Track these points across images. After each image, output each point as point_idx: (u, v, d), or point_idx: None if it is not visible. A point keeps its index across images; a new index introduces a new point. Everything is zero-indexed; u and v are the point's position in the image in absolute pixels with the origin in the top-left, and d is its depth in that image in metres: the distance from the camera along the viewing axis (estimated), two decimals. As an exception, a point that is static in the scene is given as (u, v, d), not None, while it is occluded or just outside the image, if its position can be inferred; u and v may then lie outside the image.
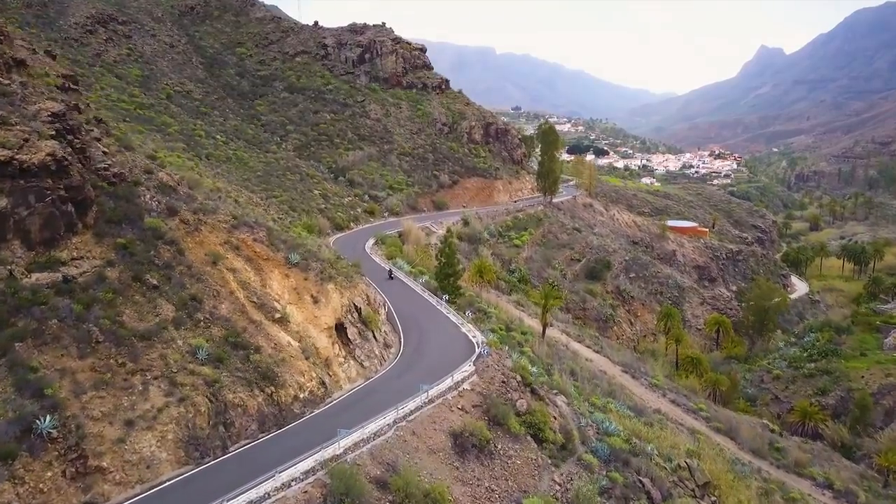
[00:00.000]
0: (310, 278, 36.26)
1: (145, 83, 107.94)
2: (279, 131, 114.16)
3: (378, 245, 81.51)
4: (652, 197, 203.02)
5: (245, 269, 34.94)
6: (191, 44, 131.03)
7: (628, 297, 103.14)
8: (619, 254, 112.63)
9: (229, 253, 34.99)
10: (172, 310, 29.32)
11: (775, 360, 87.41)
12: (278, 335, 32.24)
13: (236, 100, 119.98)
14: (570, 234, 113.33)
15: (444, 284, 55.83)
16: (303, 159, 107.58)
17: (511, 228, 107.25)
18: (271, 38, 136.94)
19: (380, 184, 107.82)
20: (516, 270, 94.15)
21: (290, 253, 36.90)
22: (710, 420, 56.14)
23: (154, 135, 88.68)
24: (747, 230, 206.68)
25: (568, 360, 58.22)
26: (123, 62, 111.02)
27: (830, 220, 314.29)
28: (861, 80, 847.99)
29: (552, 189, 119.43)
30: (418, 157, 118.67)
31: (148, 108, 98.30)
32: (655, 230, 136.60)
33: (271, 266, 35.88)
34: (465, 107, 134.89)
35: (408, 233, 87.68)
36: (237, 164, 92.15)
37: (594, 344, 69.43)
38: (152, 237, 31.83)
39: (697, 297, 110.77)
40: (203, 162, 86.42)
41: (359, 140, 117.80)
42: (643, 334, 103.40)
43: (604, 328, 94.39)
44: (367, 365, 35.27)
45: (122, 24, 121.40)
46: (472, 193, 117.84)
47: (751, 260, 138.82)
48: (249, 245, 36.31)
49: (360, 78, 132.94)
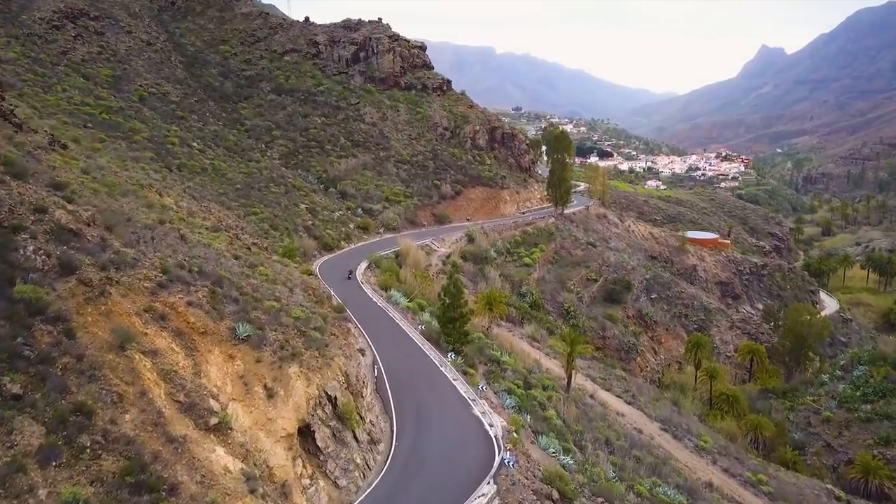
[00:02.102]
0: (265, 359, 25.94)
1: (116, 84, 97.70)
2: (264, 137, 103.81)
3: (371, 269, 71.36)
4: (664, 203, 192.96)
5: (171, 349, 24.64)
6: (170, 41, 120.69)
7: (651, 322, 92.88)
8: (639, 272, 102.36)
9: (150, 326, 24.71)
10: (40, 434, 19.02)
11: (821, 398, 77.23)
12: (210, 457, 21.93)
13: (218, 102, 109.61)
14: (585, 249, 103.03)
15: (449, 331, 45.59)
16: (289, 168, 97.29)
17: (520, 244, 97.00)
18: (258, 35, 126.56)
19: (375, 195, 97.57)
20: (527, 294, 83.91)
21: (238, 322, 26.59)
22: (775, 498, 45.83)
23: (118, 143, 78.45)
24: (763, 238, 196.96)
25: (599, 420, 47.99)
26: (93, 61, 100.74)
27: (843, 224, 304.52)
28: (864, 79, 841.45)
29: (564, 200, 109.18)
30: (417, 165, 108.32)
31: (116, 112, 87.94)
32: (674, 243, 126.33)
33: (210, 343, 25.59)
34: (469, 109, 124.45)
35: (405, 253, 77.48)
36: (213, 176, 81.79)
37: (624, 391, 59.24)
38: (24, 314, 21.54)
39: (725, 320, 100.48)
40: (172, 174, 76.13)
41: (352, 146, 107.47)
42: (667, 362, 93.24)
43: (626, 359, 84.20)
44: (344, 484, 24.94)
45: (94, 19, 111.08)
46: (477, 205, 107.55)
47: (777, 275, 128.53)
48: (181, 312, 26.00)
49: (355, 78, 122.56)
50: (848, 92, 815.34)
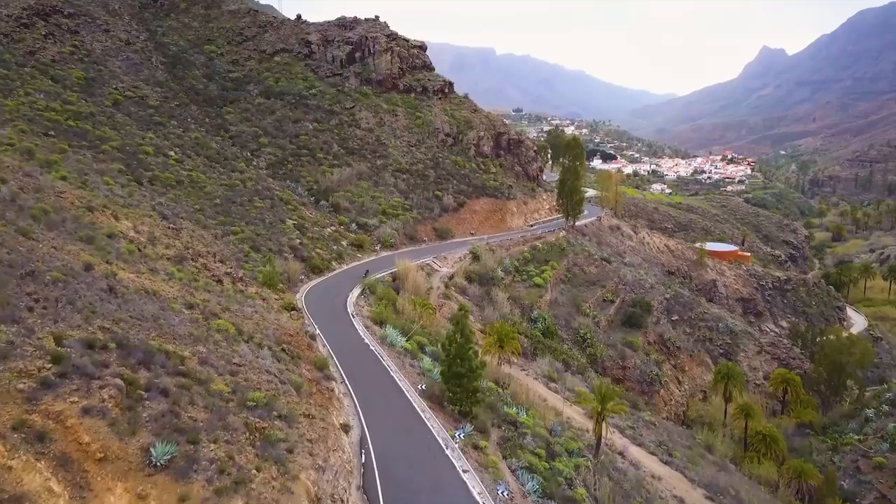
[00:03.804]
0: (193, 495, 17.67)
1: (89, 87, 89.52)
2: (250, 144, 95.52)
3: (365, 296, 63.11)
4: (674, 210, 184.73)
5: (48, 491, 16.33)
6: (151, 40, 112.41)
7: (674, 349, 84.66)
8: (658, 290, 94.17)
9: (17, 455, 16.40)
10: None
11: (869, 438, 69.19)
12: None
13: (201, 106, 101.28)
14: (599, 266, 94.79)
15: (456, 391, 37.35)
16: (277, 179, 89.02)
17: (529, 262, 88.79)
18: (246, 34, 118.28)
19: (371, 208, 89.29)
20: (539, 319, 75.62)
21: (158, 436, 18.32)
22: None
23: (83, 153, 70.24)
24: (778, 246, 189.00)
25: (634, 491, 39.79)
26: (64, 62, 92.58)
27: (853, 229, 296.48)
28: (866, 81, 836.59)
29: (576, 212, 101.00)
30: (417, 175, 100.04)
31: (85, 118, 79.70)
32: (691, 256, 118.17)
33: (112, 475, 17.34)
34: (472, 114, 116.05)
35: (404, 275, 69.15)
36: (190, 190, 73.49)
37: (657, 445, 51.00)
38: None
39: (753, 343, 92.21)
40: (142, 189, 67.87)
41: (346, 154, 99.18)
42: (691, 391, 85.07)
43: (649, 391, 75.99)
44: None
45: (68, 16, 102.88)
46: (482, 217, 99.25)
47: (801, 289, 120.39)
48: (72, 427, 17.74)
49: (350, 80, 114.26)
50: (850, 93, 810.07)
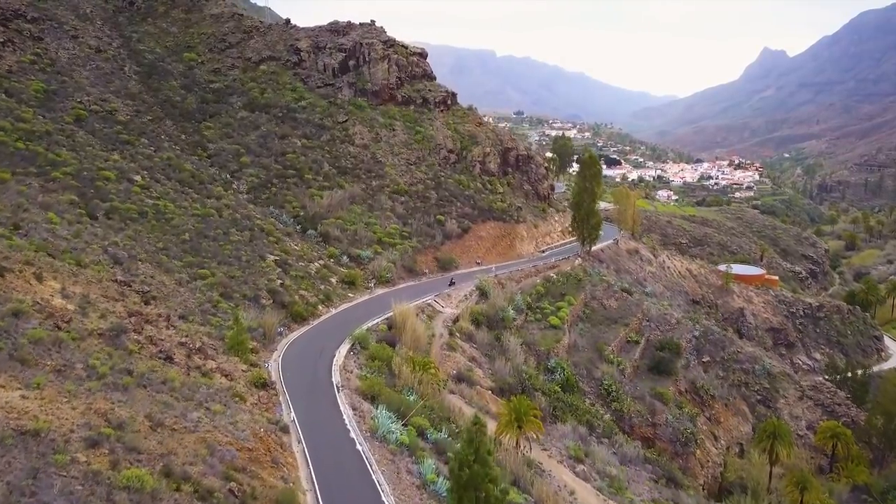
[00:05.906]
0: None
1: (48, 101, 79.45)
2: (231, 164, 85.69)
3: (355, 353, 53.32)
4: (688, 224, 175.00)
5: None
6: (125, 47, 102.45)
7: (707, 398, 74.84)
8: (685, 326, 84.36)
9: None
10: None
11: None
12: None
13: (177, 122, 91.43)
14: (620, 298, 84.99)
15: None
16: (259, 205, 79.18)
17: (543, 297, 79.01)
18: (230, 40, 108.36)
19: (365, 237, 79.48)
20: (557, 369, 65.82)
21: None
22: None
23: (28, 181, 60.44)
24: (797, 261, 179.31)
25: None
26: (23, 72, 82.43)
27: (867, 237, 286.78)
28: (868, 82, 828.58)
29: (593, 237, 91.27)
30: (417, 197, 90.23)
31: (38, 138, 69.61)
32: (716, 280, 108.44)
33: None
34: (477, 127, 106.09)
35: (401, 323, 59.23)
36: (154, 223, 63.52)
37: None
38: None
39: (794, 388, 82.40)
40: (95, 225, 58.03)
41: (338, 174, 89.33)
42: (727, 445, 75.25)
43: (683, 452, 66.06)
44: None
45: (32, 21, 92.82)
46: (488, 244, 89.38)
47: (835, 317, 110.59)
48: None
49: (343, 91, 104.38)
50: (853, 95, 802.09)
